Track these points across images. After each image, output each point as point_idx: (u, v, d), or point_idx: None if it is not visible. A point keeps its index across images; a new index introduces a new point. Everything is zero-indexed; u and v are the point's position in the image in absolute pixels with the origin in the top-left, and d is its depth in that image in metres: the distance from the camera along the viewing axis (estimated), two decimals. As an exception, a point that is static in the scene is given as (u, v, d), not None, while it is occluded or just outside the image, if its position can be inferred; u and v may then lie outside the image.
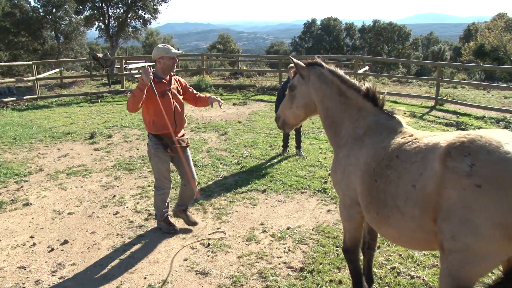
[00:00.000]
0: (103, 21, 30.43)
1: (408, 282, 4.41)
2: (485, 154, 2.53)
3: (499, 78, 24.06)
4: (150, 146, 5.27)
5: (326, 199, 6.63)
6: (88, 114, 13.49)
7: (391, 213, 3.01)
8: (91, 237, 5.50)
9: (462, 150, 2.61)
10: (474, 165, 2.53)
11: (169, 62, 5.10)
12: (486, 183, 2.48)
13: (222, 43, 54.68)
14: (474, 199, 2.51)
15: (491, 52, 33.61)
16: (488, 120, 12.30)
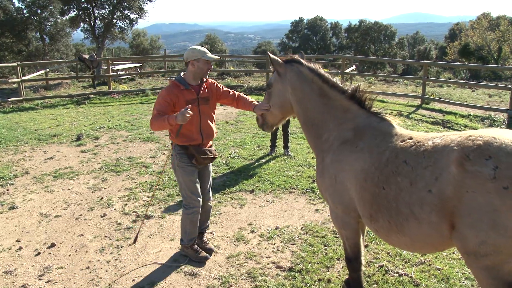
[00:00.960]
0: (89, 22, 30.17)
1: (396, 280, 4.46)
2: (506, 156, 2.52)
3: (483, 77, 24.35)
4: (174, 156, 4.76)
5: (314, 198, 6.66)
6: (75, 116, 13.39)
7: (405, 221, 2.93)
8: (78, 240, 5.47)
9: (482, 154, 2.58)
10: (498, 168, 2.51)
11: (204, 66, 4.55)
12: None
13: (209, 44, 54.49)
14: (503, 202, 2.48)
15: (475, 51, 34.01)
16: (473, 118, 12.44)
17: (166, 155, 8.15)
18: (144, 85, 20.37)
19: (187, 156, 4.69)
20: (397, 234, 3.06)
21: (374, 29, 65.44)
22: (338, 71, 19.59)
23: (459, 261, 4.81)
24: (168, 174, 7.77)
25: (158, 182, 6.85)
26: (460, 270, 4.62)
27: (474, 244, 2.62)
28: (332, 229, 5.61)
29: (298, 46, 67.67)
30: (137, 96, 17.17)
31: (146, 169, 8.12)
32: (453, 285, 4.36)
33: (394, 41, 66.09)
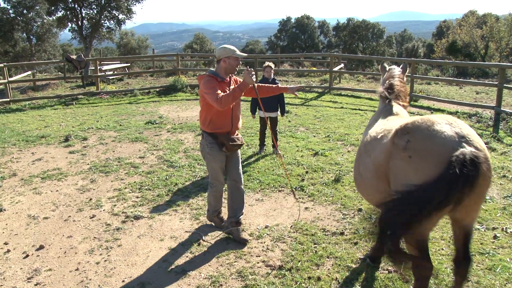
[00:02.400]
0: (76, 22, 29.95)
1: (385, 277, 4.49)
2: (417, 134, 3.27)
3: (471, 74, 24.53)
4: (204, 144, 5.21)
5: (303, 196, 6.68)
6: (63, 116, 13.29)
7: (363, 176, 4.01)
8: (67, 242, 5.43)
9: (404, 130, 3.40)
10: (409, 141, 3.29)
11: (234, 62, 5.09)
12: (415, 153, 3.24)
13: (197, 43, 54.42)
14: (408, 167, 3.28)
15: (462, 49, 34.25)
16: (461, 115, 12.54)
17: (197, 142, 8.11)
18: (132, 85, 20.26)
19: (217, 145, 5.14)
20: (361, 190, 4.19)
21: (362, 27, 65.75)
22: (326, 70, 19.62)
23: (448, 257, 4.85)
24: (156, 174, 7.75)
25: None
26: (448, 266, 4.66)
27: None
28: (322, 227, 5.63)
29: (287, 45, 67.81)
30: (126, 96, 17.08)
31: (135, 169, 8.09)
32: (442, 280, 4.40)
33: (382, 39, 66.48)
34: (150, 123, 11.88)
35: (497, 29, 32.79)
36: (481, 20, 38.72)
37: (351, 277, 4.51)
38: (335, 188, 6.97)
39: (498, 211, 6.06)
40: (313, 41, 68.76)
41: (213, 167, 5.29)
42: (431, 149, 3.16)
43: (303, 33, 69.96)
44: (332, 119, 12.11)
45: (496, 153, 8.78)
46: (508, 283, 4.38)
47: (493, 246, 5.10)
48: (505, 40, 32.92)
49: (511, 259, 4.82)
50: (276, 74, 22.51)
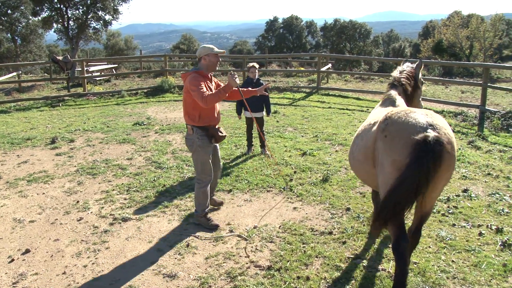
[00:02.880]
0: (62, 22, 29.72)
1: (374, 275, 4.52)
2: (394, 118, 3.88)
3: (456, 74, 24.78)
4: (195, 139, 5.45)
5: (292, 196, 6.70)
6: (49, 118, 13.17)
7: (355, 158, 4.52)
8: (54, 245, 5.39)
9: (386, 116, 3.98)
10: (387, 124, 3.89)
11: (214, 59, 5.46)
12: (390, 135, 3.83)
13: (185, 44, 54.22)
14: (383, 145, 3.87)
15: (448, 48, 34.58)
16: (447, 114, 12.67)
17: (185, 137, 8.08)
18: (120, 86, 20.15)
19: (207, 137, 5.49)
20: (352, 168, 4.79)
21: (349, 28, 66.05)
22: (314, 70, 19.69)
23: (435, 254, 4.90)
24: (144, 176, 7.72)
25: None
26: (436, 263, 4.71)
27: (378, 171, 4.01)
28: (310, 227, 5.66)
29: (274, 45, 67.90)
30: (113, 98, 16.98)
31: (123, 171, 8.05)
32: (429, 278, 4.44)
33: (369, 39, 66.85)
34: (137, 124, 11.83)
35: (481, 29, 33.18)
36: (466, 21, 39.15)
37: (340, 276, 4.53)
38: (323, 187, 6.99)
39: (483, 208, 6.13)
40: (300, 42, 68.96)
41: (204, 159, 5.55)
42: (402, 131, 3.75)
43: (290, 34, 70.13)
44: (320, 119, 12.15)
45: (481, 151, 8.88)
46: (493, 279, 4.43)
47: (479, 243, 5.16)
48: (489, 40, 33.33)
49: (496, 255, 4.88)
50: (264, 75, 22.54)
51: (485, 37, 33.06)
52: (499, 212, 5.98)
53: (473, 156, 8.53)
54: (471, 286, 4.34)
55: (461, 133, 10.43)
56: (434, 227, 5.58)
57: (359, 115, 12.70)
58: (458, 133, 10.49)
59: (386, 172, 3.84)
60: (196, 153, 5.54)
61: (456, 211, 6.05)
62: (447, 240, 5.23)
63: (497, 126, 10.77)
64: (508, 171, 7.65)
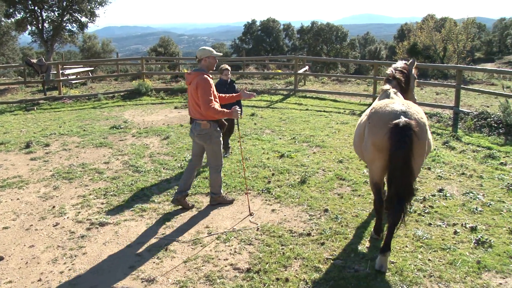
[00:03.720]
0: (37, 25, 29.18)
1: (352, 276, 4.57)
2: (377, 109, 4.83)
3: (431, 75, 25.21)
4: (213, 131, 6.06)
5: (270, 199, 6.72)
6: (23, 122, 12.93)
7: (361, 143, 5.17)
8: (29, 251, 5.29)
9: (372, 108, 4.95)
10: (372, 113, 4.86)
11: (213, 61, 6.11)
12: (372, 122, 4.80)
13: (162, 46, 53.85)
14: (368, 130, 4.83)
15: (423, 51, 35.13)
16: (422, 115, 12.86)
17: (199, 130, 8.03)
18: (96, 89, 19.92)
19: (220, 128, 6.15)
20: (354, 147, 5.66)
21: (326, 30, 66.63)
22: (291, 72, 19.79)
23: (412, 254, 4.98)
24: (122, 180, 7.65)
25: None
26: (412, 262, 4.79)
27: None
28: (289, 229, 5.68)
29: (252, 47, 67.99)
30: (89, 101, 16.77)
31: (100, 175, 7.95)
32: (407, 277, 4.52)
33: (345, 41, 67.53)
34: (114, 127, 11.71)
35: (455, 32, 33.84)
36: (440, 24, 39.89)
37: (318, 277, 4.57)
38: (301, 189, 7.04)
39: (458, 207, 6.25)
40: (278, 44, 69.22)
41: (219, 148, 6.27)
42: (379, 118, 4.69)
43: (268, 36, 70.34)
44: (298, 121, 12.22)
45: (455, 152, 9.06)
46: (467, 276, 4.53)
47: (454, 242, 5.27)
48: (462, 43, 34.01)
49: (470, 253, 4.99)
50: (241, 77, 22.57)
51: (458, 40, 33.72)
52: (473, 211, 6.12)
53: (448, 156, 8.70)
54: (446, 284, 4.43)
55: (436, 134, 10.62)
56: (410, 227, 5.67)
57: (336, 116, 12.81)
58: (433, 134, 10.66)
59: (369, 150, 4.83)
60: (214, 144, 6.15)
61: (432, 210, 6.16)
62: (423, 239, 5.32)
63: (470, 126, 10.99)
64: (481, 171, 7.82)
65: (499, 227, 5.64)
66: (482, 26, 77.73)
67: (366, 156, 4.96)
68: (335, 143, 9.74)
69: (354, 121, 12.15)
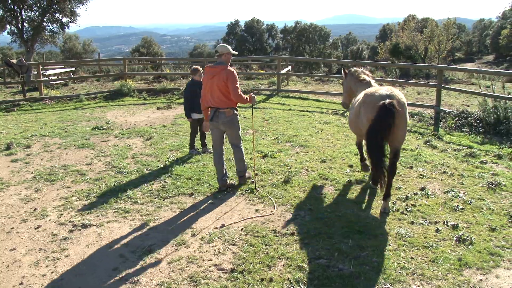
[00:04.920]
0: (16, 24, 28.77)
1: (336, 275, 4.59)
2: (368, 93, 6.36)
3: (413, 75, 25.49)
4: (236, 115, 7.00)
5: (253, 199, 6.73)
6: (3, 124, 12.74)
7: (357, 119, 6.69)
8: (10, 255, 5.22)
9: (365, 92, 6.52)
10: (366, 96, 6.34)
11: (230, 57, 6.95)
12: (364, 103, 6.33)
13: (145, 47, 53.50)
14: (363, 110, 6.29)
15: (404, 51, 35.53)
16: (404, 115, 13.00)
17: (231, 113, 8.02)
18: (78, 90, 19.72)
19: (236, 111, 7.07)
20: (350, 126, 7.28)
21: (309, 31, 66.90)
22: (274, 72, 19.83)
23: (395, 252, 5.03)
24: (104, 181, 7.58)
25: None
26: (395, 260, 4.84)
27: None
28: (273, 229, 5.70)
29: (235, 48, 67.81)
30: (71, 102, 16.60)
31: (82, 176, 7.88)
32: (390, 275, 4.56)
33: (328, 41, 67.88)
34: (97, 128, 11.60)
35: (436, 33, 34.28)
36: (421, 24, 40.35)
37: (302, 276, 4.58)
38: (285, 189, 7.06)
39: (440, 205, 6.34)
40: (261, 44, 69.36)
41: (240, 129, 7.20)
42: (370, 101, 6.19)
43: (251, 36, 70.41)
44: (281, 121, 12.26)
45: (436, 151, 9.17)
46: (449, 273, 4.60)
47: (435, 239, 5.34)
48: (443, 44, 34.47)
49: (451, 250, 5.07)
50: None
51: (439, 40, 34.17)
52: (454, 209, 6.21)
53: (430, 155, 8.81)
54: (429, 281, 4.49)
55: (418, 133, 10.74)
56: (393, 226, 5.73)
57: (319, 116, 12.88)
58: (415, 133, 10.80)
59: (364, 124, 6.25)
60: (237, 127, 7.06)
61: (414, 209, 6.24)
62: (406, 238, 5.38)
63: (451, 125, 11.15)
64: (462, 169, 7.93)
65: (479, 225, 5.74)
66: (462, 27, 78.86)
67: (362, 128, 6.38)
68: (318, 143, 9.79)
69: (337, 120, 12.23)
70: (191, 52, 72.34)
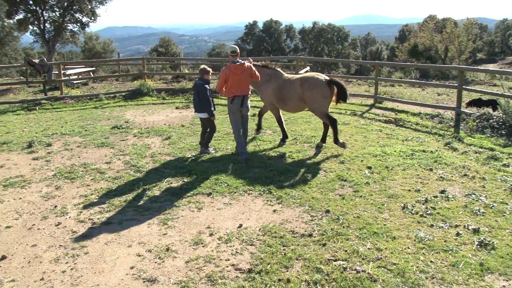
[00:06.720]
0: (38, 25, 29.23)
1: (354, 277, 4.55)
2: (309, 77, 9.26)
3: (432, 76, 25.20)
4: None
5: (271, 199, 6.71)
6: (25, 122, 12.95)
7: (288, 101, 9.34)
8: (31, 251, 5.30)
9: (304, 78, 9.23)
10: (306, 82, 9.08)
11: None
12: (310, 86, 9.04)
13: (163, 47, 53.84)
14: (308, 93, 9.03)
15: (424, 52, 35.14)
16: (424, 116, 12.86)
17: None
18: (97, 89, 19.94)
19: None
20: (284, 106, 9.50)
21: (328, 31, 66.59)
22: (292, 73, 19.76)
23: (414, 255, 4.97)
24: (123, 180, 7.65)
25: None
26: (414, 264, 4.78)
27: (310, 108, 9.32)
28: (290, 229, 5.68)
29: (253, 48, 67.98)
30: (91, 101, 16.79)
31: (102, 175, 7.96)
32: (408, 278, 4.50)
33: (347, 42, 67.48)
34: (116, 128, 11.71)
35: (456, 33, 33.83)
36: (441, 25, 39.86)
37: (320, 278, 4.56)
38: (303, 190, 7.03)
39: (460, 209, 6.25)
40: (279, 45, 69.23)
41: None
42: (316, 83, 8.92)
43: (269, 37, 70.34)
44: (299, 121, 12.22)
45: (457, 153, 9.05)
46: (470, 278, 4.52)
47: (456, 243, 5.26)
48: (464, 44, 34.00)
49: (473, 255, 4.98)
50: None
51: (459, 41, 33.72)
52: (475, 213, 6.11)
53: (450, 157, 8.69)
54: (449, 286, 4.42)
55: (438, 135, 10.61)
56: (412, 228, 5.66)
57: (337, 117, 12.79)
58: (435, 135, 10.66)
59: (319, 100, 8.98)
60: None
61: (434, 212, 6.16)
62: (425, 241, 5.31)
63: (472, 127, 10.98)
64: (483, 172, 7.81)
65: (502, 229, 5.63)
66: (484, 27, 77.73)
67: (317, 106, 9.05)
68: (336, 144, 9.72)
69: (356, 121, 12.14)
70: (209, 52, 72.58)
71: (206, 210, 6.40)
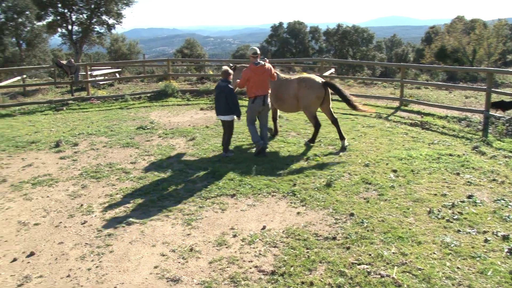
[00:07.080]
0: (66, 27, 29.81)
1: (378, 281, 4.50)
2: (307, 77, 9.77)
3: (460, 79, 24.76)
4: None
5: (295, 201, 6.69)
6: (53, 122, 13.21)
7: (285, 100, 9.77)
8: (58, 248, 5.39)
9: (302, 79, 9.73)
10: (303, 82, 9.57)
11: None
12: (307, 86, 9.48)
13: (188, 48, 54.23)
14: (303, 92, 9.51)
15: (451, 54, 34.57)
16: (451, 119, 12.63)
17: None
18: (123, 90, 20.20)
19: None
20: (282, 105, 9.92)
21: (352, 33, 66.08)
22: (317, 75, 19.67)
23: (440, 261, 4.88)
24: (148, 180, 7.73)
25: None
26: (440, 270, 4.69)
27: (303, 106, 9.66)
28: (314, 232, 5.64)
29: (277, 49, 67.93)
30: (117, 102, 17.01)
31: (127, 175, 8.06)
32: (434, 284, 4.43)
33: (372, 44, 66.82)
34: (141, 128, 11.84)
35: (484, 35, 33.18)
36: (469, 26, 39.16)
37: (343, 282, 4.52)
38: (327, 192, 6.98)
39: (489, 214, 6.11)
40: (304, 46, 68.98)
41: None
42: (313, 83, 9.42)
43: (294, 38, 70.18)
44: (323, 124, 12.12)
45: (485, 157, 8.85)
46: (499, 286, 4.41)
47: (484, 250, 5.14)
48: (493, 46, 33.32)
49: (502, 262, 4.86)
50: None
51: (488, 42, 33.05)
52: (504, 219, 5.96)
53: (478, 161, 8.51)
54: (476, 293, 4.32)
55: (465, 139, 10.40)
56: (438, 233, 5.56)
57: (362, 120, 12.69)
58: (462, 138, 10.45)
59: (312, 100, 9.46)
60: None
61: (461, 217, 6.03)
62: (452, 247, 5.21)
63: (502, 131, 10.74)
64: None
65: (531, 235, 5.49)
66: (514, 29, 75.90)
67: (309, 104, 9.50)
68: (361, 147, 9.64)
69: (381, 124, 12.01)
70: (234, 54, 72.82)
71: (230, 211, 6.41)
